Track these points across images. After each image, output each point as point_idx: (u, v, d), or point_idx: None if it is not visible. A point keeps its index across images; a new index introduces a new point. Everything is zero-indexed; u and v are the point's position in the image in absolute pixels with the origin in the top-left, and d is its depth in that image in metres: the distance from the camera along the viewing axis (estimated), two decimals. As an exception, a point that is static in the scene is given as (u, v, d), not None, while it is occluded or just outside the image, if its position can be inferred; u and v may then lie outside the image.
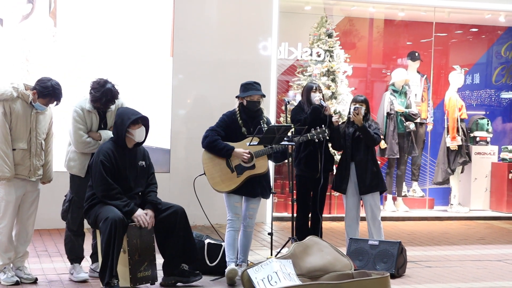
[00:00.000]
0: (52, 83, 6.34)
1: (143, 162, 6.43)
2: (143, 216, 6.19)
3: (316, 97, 7.52)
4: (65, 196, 6.68)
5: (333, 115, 7.69)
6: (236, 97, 6.88)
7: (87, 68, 9.29)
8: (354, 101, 7.62)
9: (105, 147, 6.26)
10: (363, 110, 7.47)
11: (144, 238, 6.25)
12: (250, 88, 6.80)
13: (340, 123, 7.63)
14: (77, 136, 6.48)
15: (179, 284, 6.40)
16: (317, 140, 7.20)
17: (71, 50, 9.43)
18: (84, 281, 6.50)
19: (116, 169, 6.20)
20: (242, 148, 6.70)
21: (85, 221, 6.50)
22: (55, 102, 6.41)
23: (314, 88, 7.62)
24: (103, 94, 6.43)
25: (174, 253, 6.34)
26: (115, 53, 9.62)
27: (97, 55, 9.52)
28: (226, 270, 6.54)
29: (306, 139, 7.14)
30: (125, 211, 6.09)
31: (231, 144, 6.73)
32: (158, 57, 9.88)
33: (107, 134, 6.53)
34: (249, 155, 6.69)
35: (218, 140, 6.71)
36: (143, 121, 6.34)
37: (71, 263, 6.65)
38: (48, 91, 6.31)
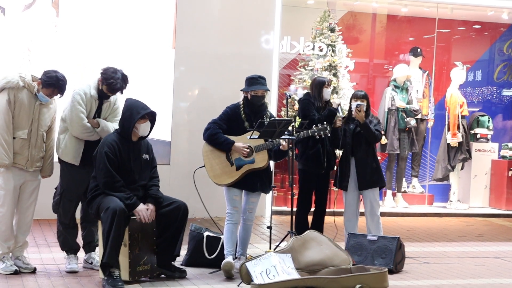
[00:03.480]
0: (58, 74, 6.36)
1: (147, 155, 6.44)
2: (144, 211, 6.18)
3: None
4: (56, 188, 6.67)
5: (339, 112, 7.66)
6: (241, 90, 6.88)
7: (88, 58, 9.28)
8: (355, 97, 7.55)
9: (110, 139, 6.25)
10: (365, 107, 7.45)
11: (145, 232, 6.26)
12: (254, 83, 6.79)
13: (341, 122, 7.53)
14: (78, 119, 6.42)
15: (181, 279, 6.44)
16: (318, 137, 7.21)
17: (73, 40, 9.42)
18: (74, 272, 6.50)
19: (120, 161, 6.20)
20: (242, 142, 6.70)
21: (77, 213, 6.54)
22: (58, 95, 6.41)
23: (327, 83, 7.64)
24: (122, 80, 6.46)
25: (168, 246, 6.37)
26: (117, 45, 9.60)
27: (99, 46, 9.51)
28: (222, 263, 6.55)
29: (307, 135, 7.12)
30: (127, 204, 6.10)
31: (232, 137, 6.72)
32: (160, 49, 9.87)
33: (105, 124, 6.50)
34: (248, 150, 6.69)
35: (219, 133, 6.71)
36: (150, 116, 6.34)
37: (67, 254, 6.66)
38: (52, 81, 6.31)
